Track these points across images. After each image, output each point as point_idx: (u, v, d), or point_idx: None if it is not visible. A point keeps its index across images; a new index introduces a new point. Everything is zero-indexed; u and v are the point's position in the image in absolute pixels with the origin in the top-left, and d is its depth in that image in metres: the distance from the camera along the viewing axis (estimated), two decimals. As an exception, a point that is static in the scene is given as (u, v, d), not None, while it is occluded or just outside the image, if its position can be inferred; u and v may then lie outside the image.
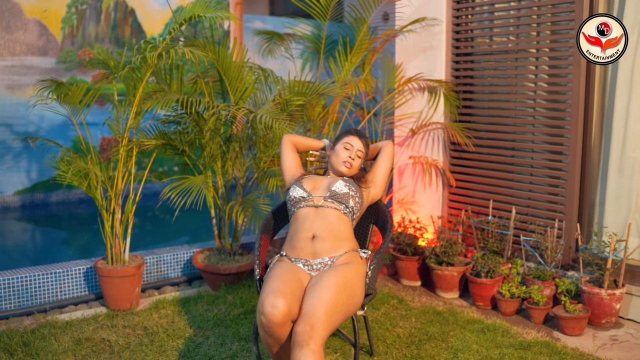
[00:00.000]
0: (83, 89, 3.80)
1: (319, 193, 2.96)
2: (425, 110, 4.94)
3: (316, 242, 2.82)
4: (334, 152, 3.14)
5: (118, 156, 3.96)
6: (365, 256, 2.90)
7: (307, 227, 2.86)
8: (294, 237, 2.89)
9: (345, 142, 3.12)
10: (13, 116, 6.69)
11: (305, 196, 2.95)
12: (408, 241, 4.55)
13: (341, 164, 3.08)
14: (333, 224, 2.86)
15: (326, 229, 2.84)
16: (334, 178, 3.06)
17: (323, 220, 2.86)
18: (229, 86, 4.21)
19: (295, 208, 2.96)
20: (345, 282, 2.63)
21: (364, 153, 3.13)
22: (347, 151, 3.09)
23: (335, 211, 2.89)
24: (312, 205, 2.92)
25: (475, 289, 4.07)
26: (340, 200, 2.91)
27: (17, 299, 4.02)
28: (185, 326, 3.71)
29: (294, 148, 3.26)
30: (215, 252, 4.48)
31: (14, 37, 7.05)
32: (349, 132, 3.17)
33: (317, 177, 3.12)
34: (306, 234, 2.85)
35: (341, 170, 3.08)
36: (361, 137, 3.15)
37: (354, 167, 3.09)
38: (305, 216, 2.89)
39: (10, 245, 6.30)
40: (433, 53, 4.87)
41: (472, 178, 4.74)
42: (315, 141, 3.33)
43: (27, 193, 7.25)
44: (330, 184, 2.99)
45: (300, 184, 3.02)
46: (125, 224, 4.09)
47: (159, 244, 5.04)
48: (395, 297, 4.23)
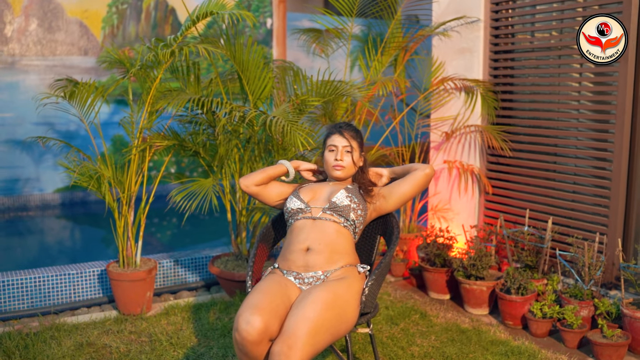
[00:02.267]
0: (91, 88, 3.70)
1: (318, 204, 2.73)
2: (462, 112, 4.64)
3: (310, 255, 2.60)
4: (324, 161, 2.88)
5: (130, 157, 3.85)
6: (363, 271, 2.65)
7: (301, 238, 2.64)
8: (288, 248, 2.68)
9: (328, 146, 2.85)
10: (54, 115, 6.74)
11: (302, 207, 2.72)
12: (437, 252, 4.26)
13: (332, 170, 2.82)
14: (330, 237, 2.63)
15: (322, 241, 2.61)
16: (336, 186, 2.82)
17: (320, 232, 2.64)
18: (247, 85, 4.04)
19: (293, 219, 2.75)
20: (335, 299, 2.39)
21: (352, 146, 2.81)
22: (332, 153, 2.83)
23: (334, 224, 2.66)
24: (309, 217, 2.70)
25: (505, 307, 3.75)
26: (340, 213, 2.67)
27: (30, 299, 3.98)
28: (191, 335, 3.56)
29: (260, 184, 2.87)
30: (232, 258, 4.31)
31: (55, 37, 7.13)
32: (328, 133, 2.89)
33: (317, 185, 2.88)
34: (300, 246, 2.63)
35: (335, 176, 2.83)
36: (342, 130, 2.83)
37: (347, 167, 2.81)
38: (301, 228, 2.68)
39: (48, 242, 6.36)
40: (470, 52, 4.56)
41: (509, 185, 4.41)
42: (271, 168, 2.92)
43: (67, 191, 7.32)
44: (330, 194, 2.76)
45: (297, 194, 2.80)
46: (137, 227, 3.97)
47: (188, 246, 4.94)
48: (419, 312, 3.95)
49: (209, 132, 4.10)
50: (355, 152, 2.83)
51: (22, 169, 7.19)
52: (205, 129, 4.11)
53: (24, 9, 7.01)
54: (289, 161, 2.96)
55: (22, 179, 7.19)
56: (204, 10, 3.67)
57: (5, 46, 6.99)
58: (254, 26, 4.04)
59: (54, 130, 7.08)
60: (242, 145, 4.15)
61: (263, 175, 2.88)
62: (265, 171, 2.89)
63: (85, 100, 3.74)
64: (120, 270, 3.89)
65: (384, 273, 2.68)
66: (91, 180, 3.67)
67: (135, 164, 3.88)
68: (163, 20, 7.58)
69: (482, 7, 4.44)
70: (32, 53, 7.09)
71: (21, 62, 7.07)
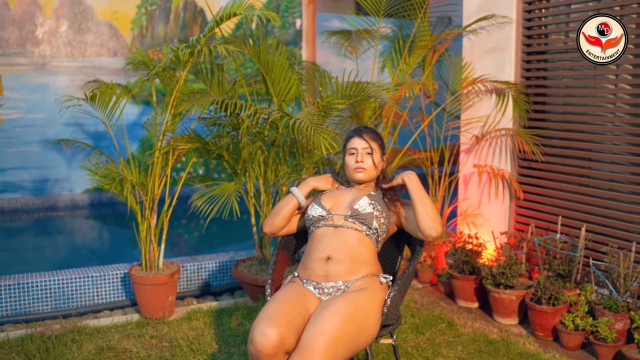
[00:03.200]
0: (113, 90, 3.68)
1: (340, 211, 2.65)
2: (493, 115, 4.51)
3: (330, 264, 2.52)
4: (345, 165, 2.81)
5: (154, 159, 3.82)
6: (385, 282, 2.56)
7: (322, 247, 2.57)
8: (308, 257, 2.61)
9: (348, 150, 2.78)
10: (84, 116, 6.78)
11: (324, 215, 2.65)
12: (465, 258, 4.14)
13: (353, 173, 2.76)
14: (352, 246, 2.55)
15: (343, 250, 2.54)
16: (358, 192, 2.74)
17: (341, 241, 2.56)
18: (272, 87, 3.97)
19: (314, 227, 2.68)
20: (356, 310, 2.31)
21: (372, 147, 2.74)
22: (353, 156, 2.76)
23: (356, 232, 2.58)
24: (331, 224, 2.62)
25: (535, 317, 3.61)
26: (362, 221, 2.59)
27: (54, 301, 3.97)
28: (212, 341, 3.51)
29: (286, 222, 2.80)
30: (256, 262, 4.26)
31: (85, 38, 7.19)
32: (347, 137, 2.84)
33: (339, 192, 2.80)
34: (320, 255, 2.56)
35: (357, 179, 2.75)
36: (361, 133, 2.77)
37: (369, 169, 2.73)
38: (322, 236, 2.61)
39: (76, 243, 6.39)
40: (501, 52, 4.42)
41: (541, 191, 4.27)
42: (286, 206, 2.80)
43: (96, 192, 7.37)
44: (353, 201, 2.67)
45: (319, 201, 2.73)
46: (160, 230, 3.94)
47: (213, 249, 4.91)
48: (446, 320, 3.84)
49: (232, 134, 4.05)
50: (376, 154, 2.76)
51: (52, 170, 7.26)
52: (229, 132, 4.06)
53: (54, 10, 7.08)
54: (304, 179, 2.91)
55: (52, 179, 7.27)
56: (228, 11, 3.62)
57: (36, 48, 7.06)
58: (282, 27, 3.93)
59: (82, 131, 7.13)
60: (266, 148, 4.09)
61: (280, 217, 2.79)
62: (281, 212, 2.79)
63: (108, 102, 3.71)
64: (143, 273, 3.86)
65: (407, 284, 2.59)
66: (113, 182, 3.64)
67: (158, 167, 3.84)
68: (192, 21, 7.58)
69: (514, 6, 4.30)
70: (63, 54, 7.16)
71: (51, 64, 7.14)
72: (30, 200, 7.18)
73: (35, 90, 7.08)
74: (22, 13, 6.98)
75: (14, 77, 7.00)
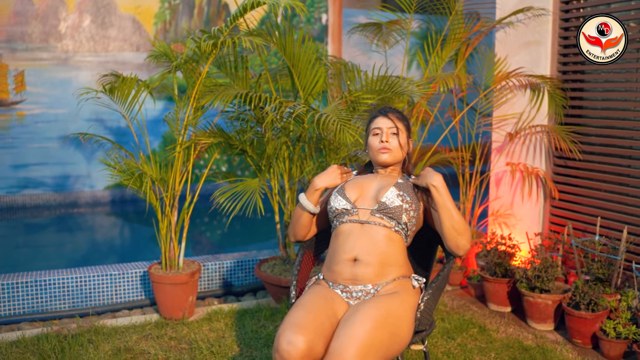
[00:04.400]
0: (133, 82, 3.56)
1: (366, 204, 2.43)
2: (527, 111, 4.32)
3: (358, 267, 2.34)
4: (369, 147, 2.59)
5: (175, 154, 3.69)
6: (418, 285, 2.39)
7: (348, 247, 2.37)
8: (333, 258, 2.42)
9: (372, 130, 2.57)
10: (106, 111, 6.71)
11: (348, 208, 2.43)
12: (497, 260, 3.95)
13: (378, 155, 2.53)
14: (380, 246, 2.35)
15: (372, 251, 2.34)
16: (385, 180, 2.52)
17: (368, 240, 2.36)
18: (298, 81, 3.82)
19: (338, 222, 2.46)
20: (387, 316, 2.14)
21: (397, 127, 2.52)
22: (377, 136, 2.54)
23: (383, 229, 2.37)
24: (356, 220, 2.41)
25: (573, 323, 3.42)
26: (390, 215, 2.38)
27: (72, 299, 3.87)
28: (233, 343, 3.37)
29: (308, 228, 2.63)
30: (280, 262, 4.11)
31: (108, 33, 7.11)
32: (372, 117, 2.62)
33: (363, 179, 2.56)
34: (346, 256, 2.36)
35: (382, 160, 2.53)
36: (386, 112, 2.57)
37: (394, 150, 2.51)
38: (348, 234, 2.40)
39: (96, 240, 6.31)
40: (537, 46, 4.23)
41: (579, 190, 4.06)
42: (297, 213, 2.60)
43: (117, 189, 7.29)
44: (379, 192, 2.45)
45: (343, 191, 2.50)
46: (180, 228, 3.81)
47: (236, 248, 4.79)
48: (477, 325, 3.66)
49: (257, 129, 3.91)
50: (402, 135, 2.54)
51: (74, 166, 7.20)
52: (253, 126, 3.92)
53: (77, 5, 7.01)
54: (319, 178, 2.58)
55: (73, 176, 7.20)
56: (253, 0, 3.48)
57: (59, 42, 7.00)
58: (307, 22, 3.77)
59: (104, 126, 7.06)
60: (291, 144, 3.94)
61: (299, 227, 2.61)
62: (298, 222, 2.60)
63: (127, 96, 3.59)
64: (162, 272, 3.73)
65: (441, 287, 2.42)
66: (132, 178, 3.51)
67: (179, 162, 3.71)
68: (216, 15, 7.46)
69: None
70: (85, 49, 7.09)
71: (74, 59, 7.07)
72: (51, 196, 7.12)
73: (57, 85, 7.02)
74: (46, 7, 6.92)
75: (36, 72, 6.95)
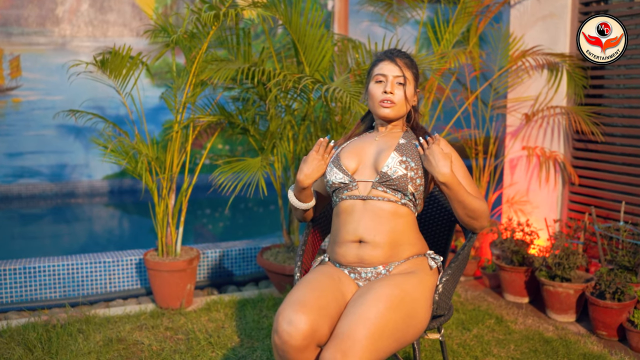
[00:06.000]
0: (126, 56, 3.34)
1: (366, 174, 2.11)
2: (544, 92, 4.08)
3: (364, 249, 2.06)
4: (369, 96, 2.20)
5: (172, 134, 3.48)
6: (435, 265, 2.15)
7: (351, 228, 2.08)
8: (337, 239, 2.14)
9: (375, 76, 2.17)
10: (105, 98, 6.50)
11: (346, 182, 2.11)
12: (514, 248, 3.72)
13: (378, 108, 2.15)
14: (387, 224, 2.05)
15: (378, 231, 2.05)
16: (384, 141, 2.17)
17: (373, 219, 2.05)
18: (304, 55, 3.60)
19: (337, 198, 2.15)
20: (403, 296, 1.91)
21: (405, 77, 2.14)
22: (380, 85, 2.15)
23: (389, 204, 2.06)
24: (357, 196, 2.09)
25: (597, 314, 3.19)
26: (394, 188, 2.06)
27: (63, 288, 3.66)
28: (233, 334, 3.15)
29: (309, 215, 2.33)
30: (284, 250, 3.89)
31: (107, 17, 6.90)
32: (376, 60, 2.21)
33: (361, 142, 2.21)
34: (350, 237, 2.08)
35: (383, 115, 2.16)
36: (393, 57, 2.16)
37: (399, 103, 2.14)
38: (350, 212, 2.09)
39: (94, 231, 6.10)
40: (555, 21, 3.99)
41: (600, 175, 3.82)
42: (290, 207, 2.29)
43: (116, 178, 7.07)
44: (379, 158, 2.11)
45: (338, 161, 2.15)
46: (178, 212, 3.59)
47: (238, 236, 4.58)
48: (494, 316, 3.43)
49: (260, 105, 3.68)
50: (410, 86, 2.16)
51: (71, 154, 6.98)
52: (256, 104, 3.70)
53: (75, -12, 6.81)
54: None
55: (71, 165, 6.99)
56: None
57: (56, 27, 6.79)
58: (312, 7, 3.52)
59: (103, 113, 6.84)
60: (296, 123, 3.72)
61: (300, 217, 2.34)
62: (297, 212, 2.32)
63: (120, 70, 3.37)
64: (159, 259, 3.52)
65: (462, 267, 2.19)
66: (126, 157, 3.30)
67: (177, 142, 3.50)
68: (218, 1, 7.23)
69: (571, -31, 3.88)
70: (84, 34, 6.88)
71: (72, 44, 6.86)
72: (47, 186, 6.91)
73: (54, 72, 6.80)
74: (42, -10, 6.72)
75: (32, 57, 6.74)
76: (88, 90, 6.19)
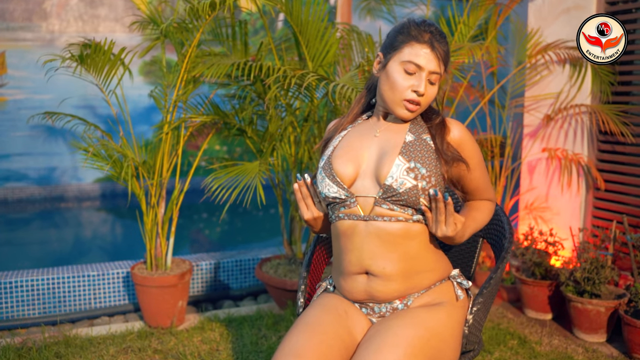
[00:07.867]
0: (108, 52, 3.03)
1: (366, 187, 1.66)
2: (566, 90, 3.77)
3: (374, 283, 1.66)
4: (386, 77, 1.67)
5: (162, 136, 3.16)
6: (463, 294, 1.77)
7: (354, 257, 1.67)
8: (340, 267, 1.73)
9: (405, 63, 1.63)
10: (95, 98, 6.18)
11: (342, 197, 1.67)
12: (537, 260, 3.41)
13: (399, 106, 1.66)
14: (398, 250, 1.64)
15: (388, 260, 1.64)
16: (387, 139, 1.70)
17: (379, 244, 1.64)
18: (306, 49, 3.28)
19: (334, 215, 1.71)
20: (428, 337, 1.57)
21: (440, 74, 1.67)
22: (411, 77, 1.64)
23: (397, 224, 1.63)
24: (357, 216, 1.66)
25: (632, 335, 2.87)
26: (403, 203, 1.62)
27: (42, 304, 3.34)
28: (229, 357, 2.83)
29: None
30: (284, 261, 3.57)
31: (97, 12, 6.59)
32: (412, 38, 1.64)
33: (357, 140, 1.74)
34: (354, 268, 1.68)
35: (402, 116, 1.67)
36: (433, 42, 1.63)
37: (424, 105, 1.67)
38: (350, 235, 1.67)
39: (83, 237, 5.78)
40: (578, 13, 3.68)
41: (629, 179, 3.51)
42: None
43: (108, 182, 6.75)
44: (381, 164, 1.65)
45: (329, 168, 1.69)
46: (169, 220, 3.27)
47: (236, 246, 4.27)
48: (516, 336, 3.12)
49: (258, 104, 3.37)
50: (436, 84, 1.68)
51: (60, 157, 6.67)
52: (253, 102, 3.38)
53: (64, -19, 6.50)
54: None
55: (60, 168, 6.67)
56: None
57: (43, 22, 6.47)
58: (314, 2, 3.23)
59: (94, 113, 6.53)
60: (298, 124, 3.40)
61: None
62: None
63: (102, 66, 3.06)
64: (147, 273, 3.20)
65: (494, 292, 1.87)
66: (110, 161, 2.98)
67: (167, 145, 3.18)
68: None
69: (597, -44, 3.57)
70: (73, 29, 6.57)
71: (61, 40, 6.55)
72: (35, 190, 6.59)
73: (42, 69, 6.46)
74: (29, -16, 6.41)
75: (19, 53, 6.43)
76: (78, 88, 5.88)
